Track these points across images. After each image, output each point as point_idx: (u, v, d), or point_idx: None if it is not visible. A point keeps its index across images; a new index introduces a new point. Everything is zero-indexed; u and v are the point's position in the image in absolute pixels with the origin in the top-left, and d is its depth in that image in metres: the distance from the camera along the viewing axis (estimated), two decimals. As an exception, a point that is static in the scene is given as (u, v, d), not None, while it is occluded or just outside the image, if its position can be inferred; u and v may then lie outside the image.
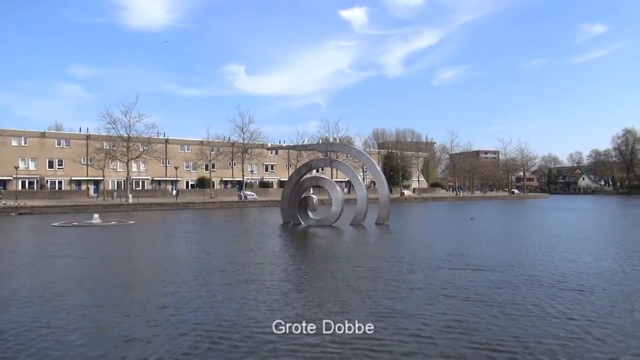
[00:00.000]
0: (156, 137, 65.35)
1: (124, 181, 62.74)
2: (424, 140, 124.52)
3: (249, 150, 69.86)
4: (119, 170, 67.93)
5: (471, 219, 35.79)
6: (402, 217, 37.35)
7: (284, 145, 71.37)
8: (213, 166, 70.99)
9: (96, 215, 31.51)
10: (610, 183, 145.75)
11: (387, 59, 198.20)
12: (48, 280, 12.50)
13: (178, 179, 73.38)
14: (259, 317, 8.69)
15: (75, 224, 29.94)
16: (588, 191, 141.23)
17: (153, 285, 11.93)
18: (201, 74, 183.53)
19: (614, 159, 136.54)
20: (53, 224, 29.81)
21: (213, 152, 69.69)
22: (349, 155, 50.11)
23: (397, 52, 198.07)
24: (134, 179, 69.98)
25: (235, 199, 62.45)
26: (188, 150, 78.70)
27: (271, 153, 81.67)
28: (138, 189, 69.69)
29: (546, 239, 21.83)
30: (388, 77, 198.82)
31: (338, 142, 48.29)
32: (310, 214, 29.21)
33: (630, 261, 15.12)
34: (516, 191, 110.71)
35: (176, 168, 68.88)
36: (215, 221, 34.90)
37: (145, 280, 12.71)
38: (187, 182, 78.93)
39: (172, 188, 73.06)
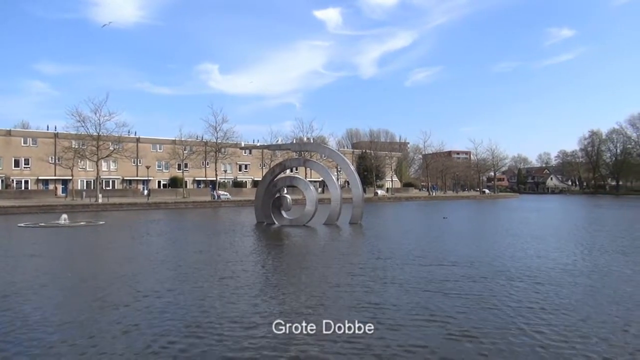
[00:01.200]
0: (127, 135, 64.14)
1: (94, 181, 61.41)
2: (397, 140, 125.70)
3: (223, 150, 69.23)
4: (88, 169, 66.51)
5: (444, 218, 36.26)
6: (375, 217, 37.56)
7: (258, 144, 70.81)
8: (186, 165, 70.10)
9: (64, 216, 30.72)
10: (577, 183, 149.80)
11: (361, 60, 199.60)
12: (12, 280, 12.11)
13: (150, 178, 72.24)
14: (236, 316, 8.61)
15: (42, 224, 29.12)
16: (556, 191, 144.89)
17: (124, 286, 11.66)
18: (174, 72, 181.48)
19: (580, 159, 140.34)
20: (19, 225, 28.93)
21: (186, 152, 68.81)
22: (323, 155, 50.09)
23: (371, 53, 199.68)
24: (104, 178, 68.65)
25: (208, 198, 61.80)
26: (160, 149, 77.51)
27: (245, 153, 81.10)
28: (108, 188, 68.35)
29: (515, 237, 22.41)
30: (362, 77, 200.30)
31: (312, 141, 48.14)
32: (284, 214, 29.12)
33: (589, 257, 15.85)
34: (487, 191, 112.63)
35: (148, 167, 67.82)
36: (188, 221, 34.45)
37: (115, 280, 12.42)
38: (159, 182, 77.72)
39: (143, 188, 71.81)
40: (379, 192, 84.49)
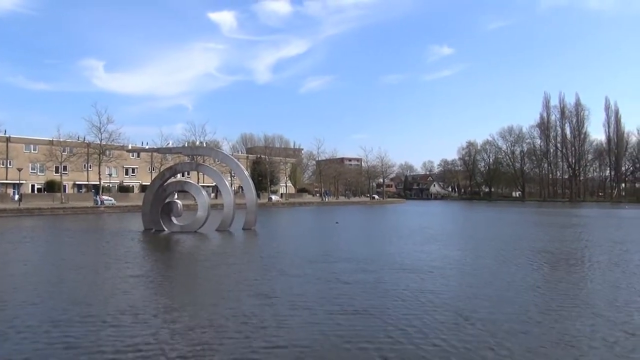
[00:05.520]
0: (-5, 134, 57.83)
1: (-48, 184, 54.43)
2: (291, 146, 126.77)
3: (107, 152, 64.88)
4: (-55, 171, 58.82)
5: (336, 222, 37.14)
6: (269, 222, 37.45)
7: (147, 147, 67.40)
8: (65, 168, 64.75)
9: None
10: (456, 189, 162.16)
11: (256, 65, 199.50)
12: None
13: (22, 182, 65.56)
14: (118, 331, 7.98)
15: None
16: (438, 197, 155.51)
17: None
18: (53, 67, 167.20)
19: (459, 168, 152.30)
20: None
21: (65, 153, 63.53)
22: (216, 160, 49.01)
23: (266, 59, 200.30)
24: (-34, 181, 61.16)
25: (91, 204, 57.58)
26: (35, 150, 70.81)
27: (132, 155, 76.87)
28: (-30, 193, 60.98)
29: (402, 237, 24.33)
30: (257, 82, 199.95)
31: (205, 145, 46.95)
32: (175, 220, 27.93)
33: (468, 253, 17.68)
34: (376, 197, 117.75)
35: (19, 170, 61.44)
36: (64, 228, 31.70)
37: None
38: (33, 186, 70.96)
39: (14, 192, 65.08)
40: (273, 197, 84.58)
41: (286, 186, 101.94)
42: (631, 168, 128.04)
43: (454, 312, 9.16)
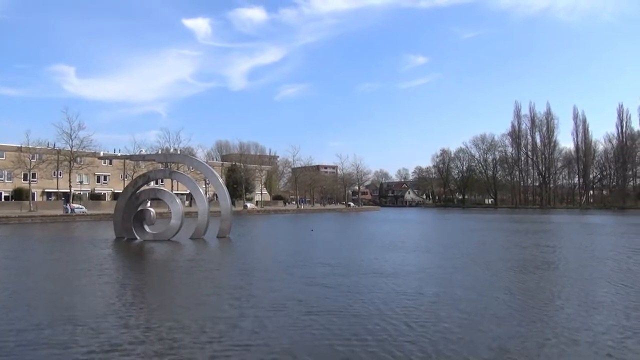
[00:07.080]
0: (-40, 140, 56.04)
1: None
2: (267, 153, 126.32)
3: (78, 159, 63.50)
4: None
5: (311, 230, 37.09)
6: (244, 230, 37.16)
7: (119, 154, 66.15)
8: (33, 175, 63.08)
9: None
10: (431, 197, 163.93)
11: (231, 72, 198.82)
12: None
13: (-12, 189, 63.78)
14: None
15: None
16: (413, 204, 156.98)
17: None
18: (21, 72, 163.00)
19: (433, 175, 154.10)
20: None
21: (34, 160, 61.93)
22: (191, 167, 48.57)
23: (241, 66, 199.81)
24: None
25: (61, 212, 56.22)
26: (2, 156, 69.02)
27: (104, 163, 75.48)
28: None
29: (377, 243, 24.67)
30: (232, 89, 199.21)
31: (179, 153, 46.42)
32: (147, 228, 27.48)
33: (436, 259, 18.37)
34: (352, 204, 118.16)
35: (-14, 177, 59.87)
36: (32, 237, 30.89)
37: None
38: (0, 194, 68.94)
39: (-21, 200, 63.16)
40: (248, 205, 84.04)
41: (261, 194, 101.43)
42: (598, 176, 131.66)
43: (409, 316, 9.50)
